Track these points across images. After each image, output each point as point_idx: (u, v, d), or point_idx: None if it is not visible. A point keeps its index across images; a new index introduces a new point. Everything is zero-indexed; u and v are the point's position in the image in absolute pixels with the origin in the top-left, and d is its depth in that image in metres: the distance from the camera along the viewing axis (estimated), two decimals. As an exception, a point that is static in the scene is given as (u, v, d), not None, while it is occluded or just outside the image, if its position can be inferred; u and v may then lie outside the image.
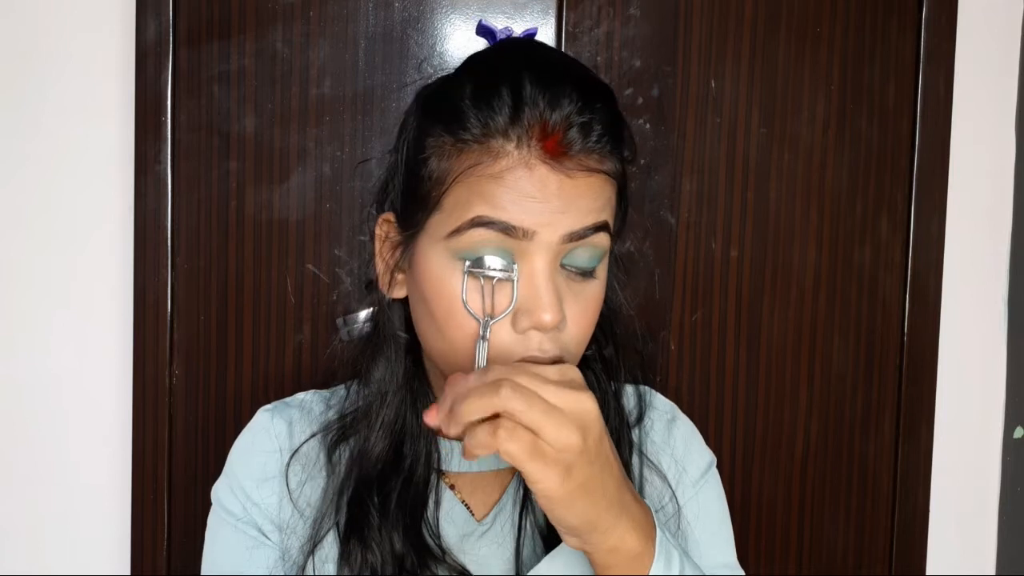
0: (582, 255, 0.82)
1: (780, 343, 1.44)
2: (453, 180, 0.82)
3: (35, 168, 1.41)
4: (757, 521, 1.44)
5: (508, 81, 0.80)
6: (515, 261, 0.81)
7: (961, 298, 1.48)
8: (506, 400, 0.71)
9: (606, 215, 0.83)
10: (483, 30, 0.91)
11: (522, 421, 0.71)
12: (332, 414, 0.96)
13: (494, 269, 0.80)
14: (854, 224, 1.44)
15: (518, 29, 1.38)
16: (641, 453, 0.96)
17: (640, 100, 1.39)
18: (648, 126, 1.39)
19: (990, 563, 1.51)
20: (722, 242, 1.42)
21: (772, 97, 1.41)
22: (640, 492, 0.93)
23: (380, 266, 0.90)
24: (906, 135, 1.44)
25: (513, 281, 0.81)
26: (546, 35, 1.38)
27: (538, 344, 0.81)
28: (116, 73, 1.39)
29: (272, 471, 0.93)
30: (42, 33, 1.39)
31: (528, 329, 0.81)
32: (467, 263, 0.81)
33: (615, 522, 0.75)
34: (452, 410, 0.72)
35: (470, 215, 0.80)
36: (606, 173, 0.82)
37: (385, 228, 0.90)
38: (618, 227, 0.88)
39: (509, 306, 0.80)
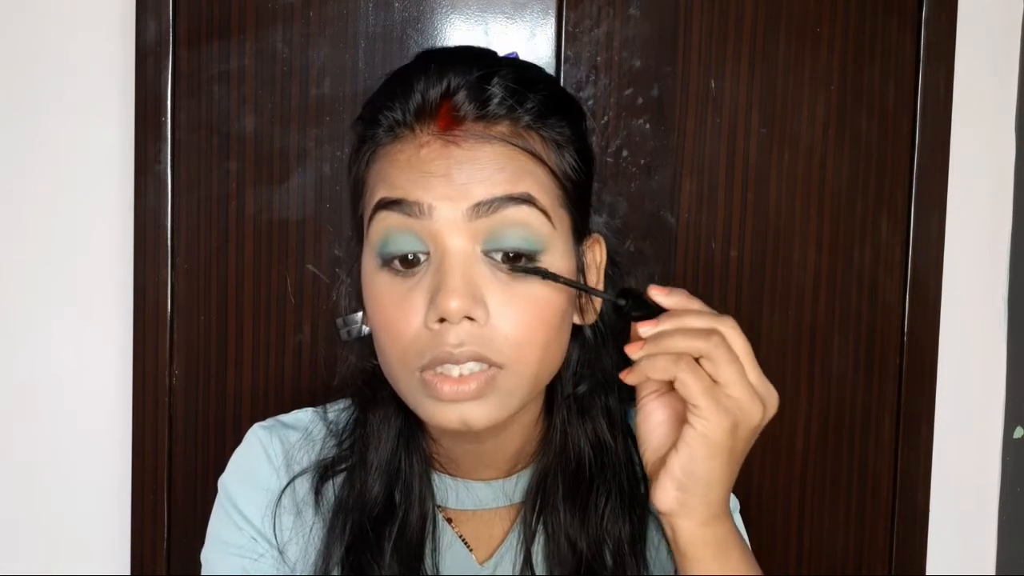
0: (506, 234, 0.77)
1: (780, 343, 1.44)
2: (365, 176, 0.82)
3: (35, 168, 1.41)
4: (757, 521, 1.44)
5: (401, 76, 0.82)
6: (428, 247, 0.78)
7: (961, 298, 1.48)
8: (715, 347, 0.73)
9: (525, 187, 0.78)
10: None
11: (717, 367, 0.73)
12: (331, 445, 0.91)
13: (402, 248, 0.77)
14: (854, 224, 1.44)
15: (518, 29, 1.38)
16: (649, 512, 0.91)
17: (640, 100, 1.39)
18: (648, 126, 1.39)
19: (990, 563, 1.51)
20: (722, 242, 1.42)
21: (772, 97, 1.41)
22: (645, 557, 0.90)
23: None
24: (906, 135, 1.44)
25: (421, 253, 0.78)
26: (546, 35, 1.38)
27: (455, 338, 0.76)
28: (116, 73, 1.39)
29: (272, 495, 0.90)
30: (42, 33, 1.39)
31: (439, 321, 0.76)
32: (380, 259, 0.79)
33: (723, 508, 0.77)
34: (656, 340, 0.74)
35: (374, 201, 0.79)
36: (514, 144, 0.78)
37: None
38: (575, 227, 0.83)
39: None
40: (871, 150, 1.43)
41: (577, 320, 0.85)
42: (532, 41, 1.38)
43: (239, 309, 1.39)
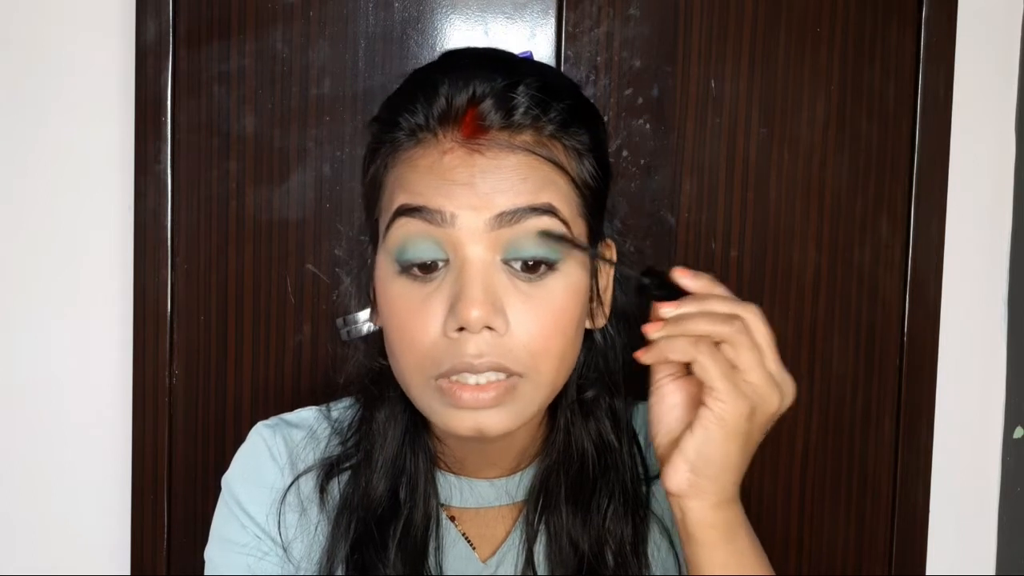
0: (526, 244, 0.77)
1: (780, 343, 1.42)
2: (384, 179, 0.81)
3: (35, 168, 1.41)
4: (757, 521, 1.43)
5: (424, 78, 0.81)
6: (447, 255, 0.77)
7: (961, 298, 1.48)
8: (736, 332, 0.73)
9: (547, 197, 0.77)
10: None
11: (738, 352, 0.73)
12: (335, 443, 0.91)
13: (421, 256, 0.77)
14: (854, 224, 1.44)
15: (519, 29, 1.38)
16: (651, 512, 0.92)
17: (640, 100, 1.39)
18: (648, 126, 1.40)
19: (990, 563, 1.51)
20: (722, 242, 1.42)
21: (772, 97, 1.41)
22: (646, 558, 0.90)
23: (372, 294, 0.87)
24: (906, 135, 1.44)
25: (440, 260, 0.77)
26: (546, 35, 1.38)
27: (474, 348, 0.76)
28: (116, 73, 1.39)
29: (277, 494, 0.90)
30: (42, 33, 1.39)
31: (458, 330, 0.76)
32: (398, 264, 0.78)
33: (734, 492, 0.78)
34: (677, 322, 0.74)
35: (394, 207, 0.79)
36: (537, 154, 0.78)
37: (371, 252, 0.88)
38: (592, 233, 0.83)
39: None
40: (871, 150, 1.43)
41: (588, 324, 0.86)
42: (532, 41, 1.38)
43: (239, 309, 1.39)
